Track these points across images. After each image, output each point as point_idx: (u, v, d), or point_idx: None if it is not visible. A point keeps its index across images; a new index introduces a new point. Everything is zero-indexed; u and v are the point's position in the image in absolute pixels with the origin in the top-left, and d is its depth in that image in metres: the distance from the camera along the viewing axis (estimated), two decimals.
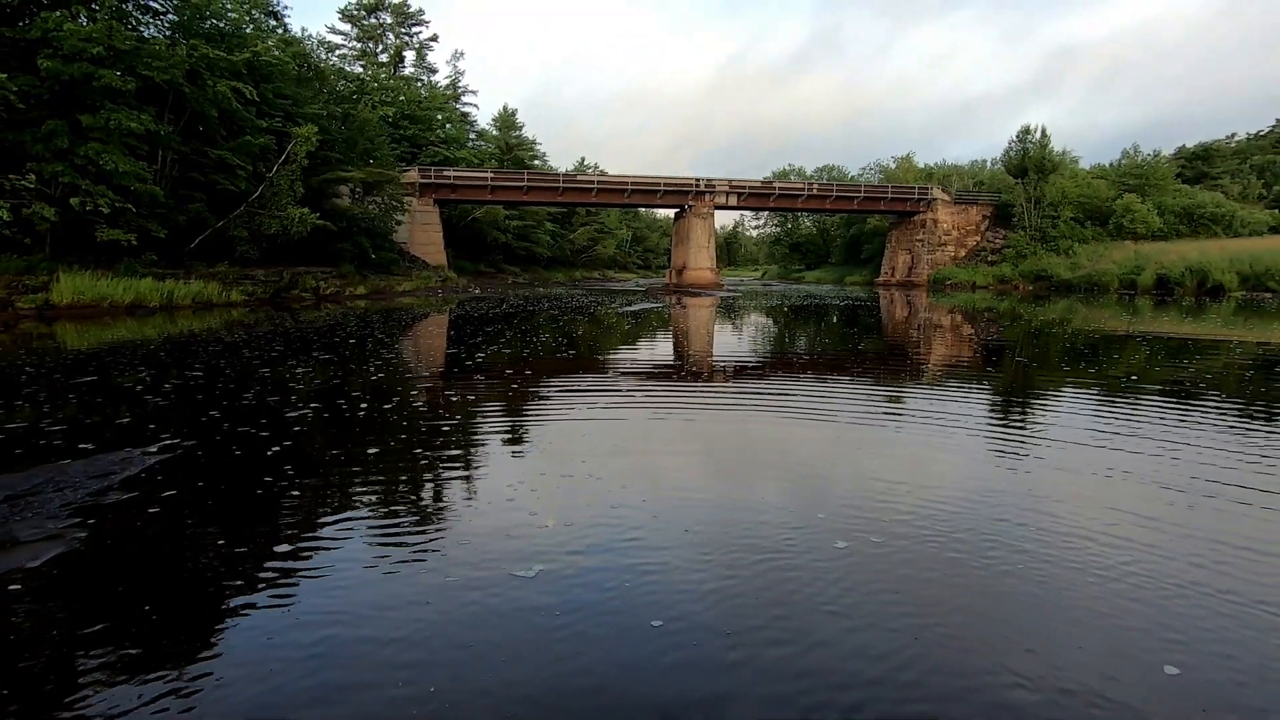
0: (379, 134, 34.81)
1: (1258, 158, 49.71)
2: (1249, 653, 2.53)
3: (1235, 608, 2.85)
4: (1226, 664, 2.46)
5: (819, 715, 2.16)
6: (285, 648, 2.53)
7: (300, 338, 12.59)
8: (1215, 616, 2.78)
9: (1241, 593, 2.98)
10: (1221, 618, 2.77)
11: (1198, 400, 7.31)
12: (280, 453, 5.01)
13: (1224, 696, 2.27)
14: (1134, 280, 33.83)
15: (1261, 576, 3.15)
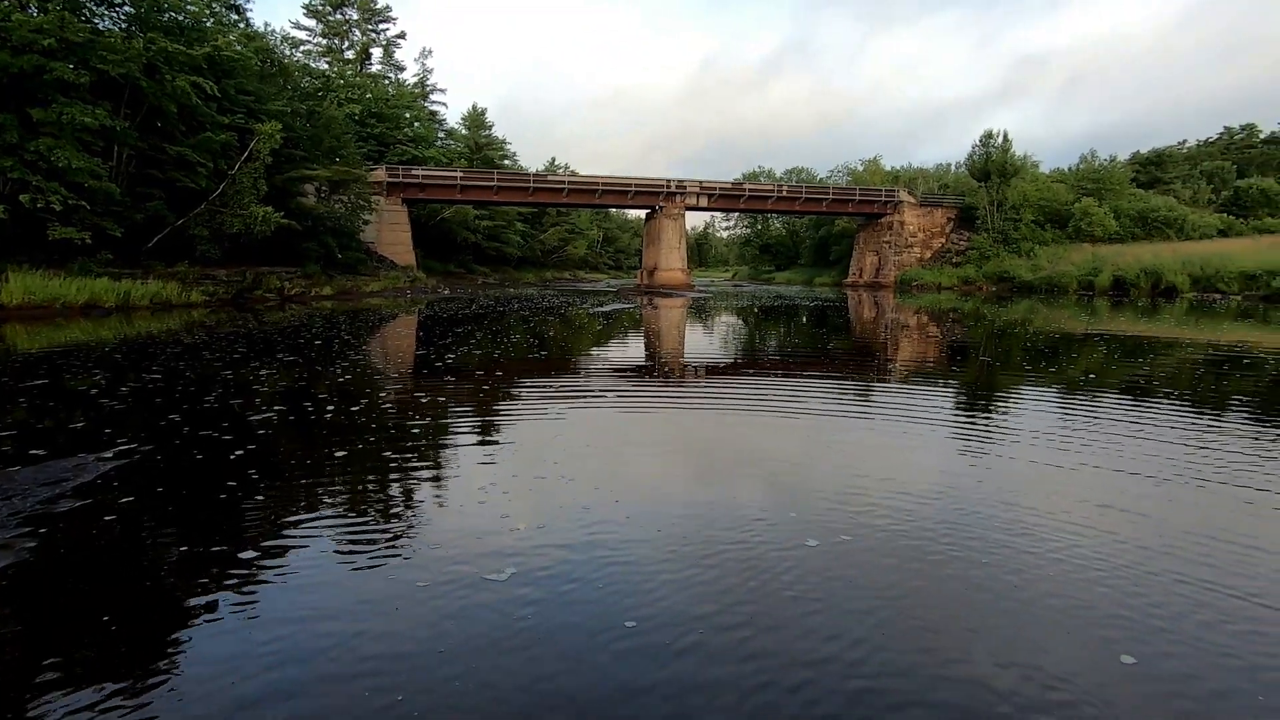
0: (345, 132, 34.24)
1: (1207, 164, 51.55)
2: (1203, 640, 2.61)
3: (1190, 595, 2.95)
4: (1182, 651, 2.54)
5: (794, 713, 2.18)
6: (248, 656, 2.47)
7: (264, 339, 12.31)
8: (1171, 604, 2.87)
9: (1195, 579, 3.09)
10: (1177, 605, 2.86)
11: (1153, 397, 7.55)
12: (244, 457, 4.89)
13: (1179, 684, 2.35)
14: (1092, 282, 34.82)
15: (1215, 563, 3.26)
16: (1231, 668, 2.44)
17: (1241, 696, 2.28)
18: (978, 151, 44.99)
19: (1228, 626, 2.72)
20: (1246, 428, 6.16)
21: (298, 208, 27.53)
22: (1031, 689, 2.31)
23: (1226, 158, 53.60)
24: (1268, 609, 2.86)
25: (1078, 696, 2.27)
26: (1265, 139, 57.80)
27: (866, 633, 2.65)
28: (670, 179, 44.09)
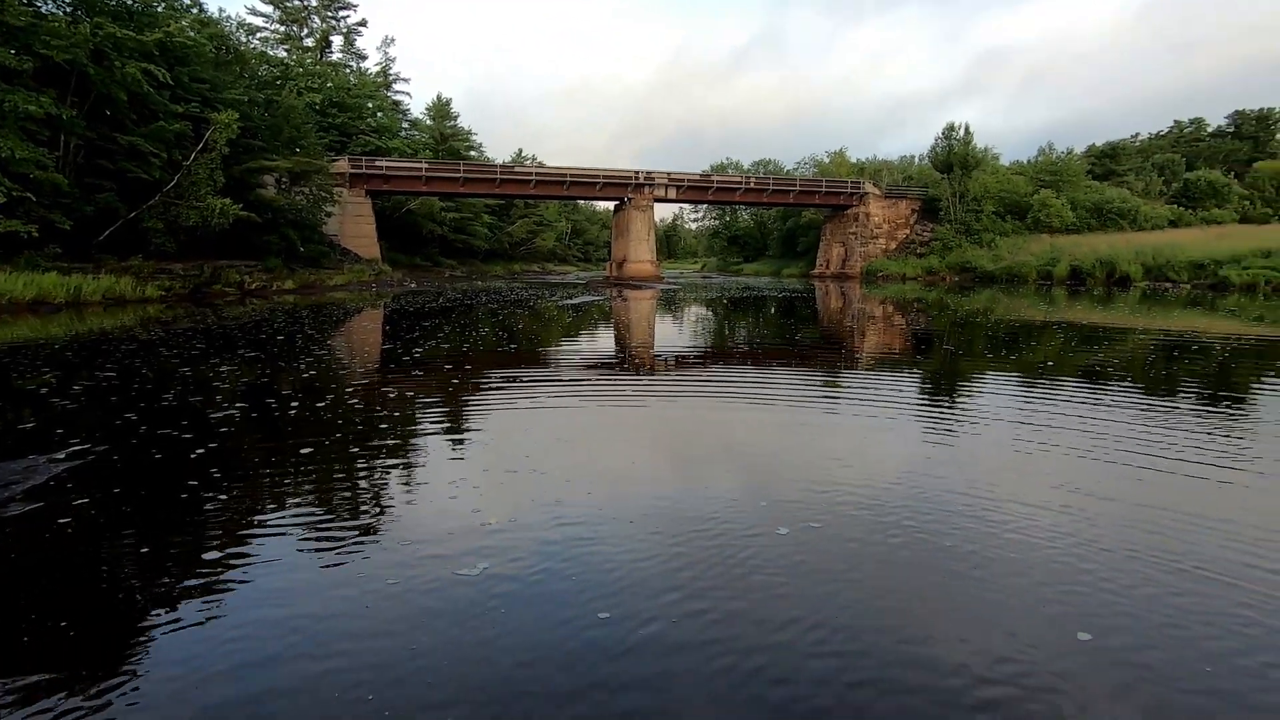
0: (305, 121, 33.38)
1: (1158, 156, 53.15)
2: (1156, 615, 2.72)
3: (1142, 570, 3.06)
4: (1134, 625, 2.64)
5: (766, 699, 2.21)
6: (213, 660, 2.42)
7: (224, 335, 12.00)
8: (1125, 579, 2.98)
9: (1148, 554, 3.21)
10: (1130, 580, 2.97)
11: (1108, 382, 7.80)
12: (205, 455, 4.78)
13: (1132, 658, 2.44)
14: (1050, 271, 35.72)
15: (1166, 537, 3.39)
16: (1181, 639, 2.54)
17: (1189, 665, 2.38)
18: (940, 144, 45.74)
19: (1177, 600, 2.83)
20: (1195, 410, 6.40)
21: (257, 199, 26.79)
22: (989, 665, 2.38)
23: (1176, 150, 55.33)
24: (1215, 579, 2.98)
25: (1034, 671, 2.34)
26: (1212, 133, 59.86)
27: (833, 616, 2.70)
28: (639, 170, 43.97)
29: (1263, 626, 2.65)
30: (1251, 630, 2.62)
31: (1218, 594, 2.90)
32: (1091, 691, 2.25)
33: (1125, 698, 2.23)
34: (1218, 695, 2.24)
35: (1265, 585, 2.97)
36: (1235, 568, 3.13)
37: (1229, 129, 58.70)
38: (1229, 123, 58.90)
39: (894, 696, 2.22)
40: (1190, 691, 2.26)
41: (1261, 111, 57.06)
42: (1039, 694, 2.23)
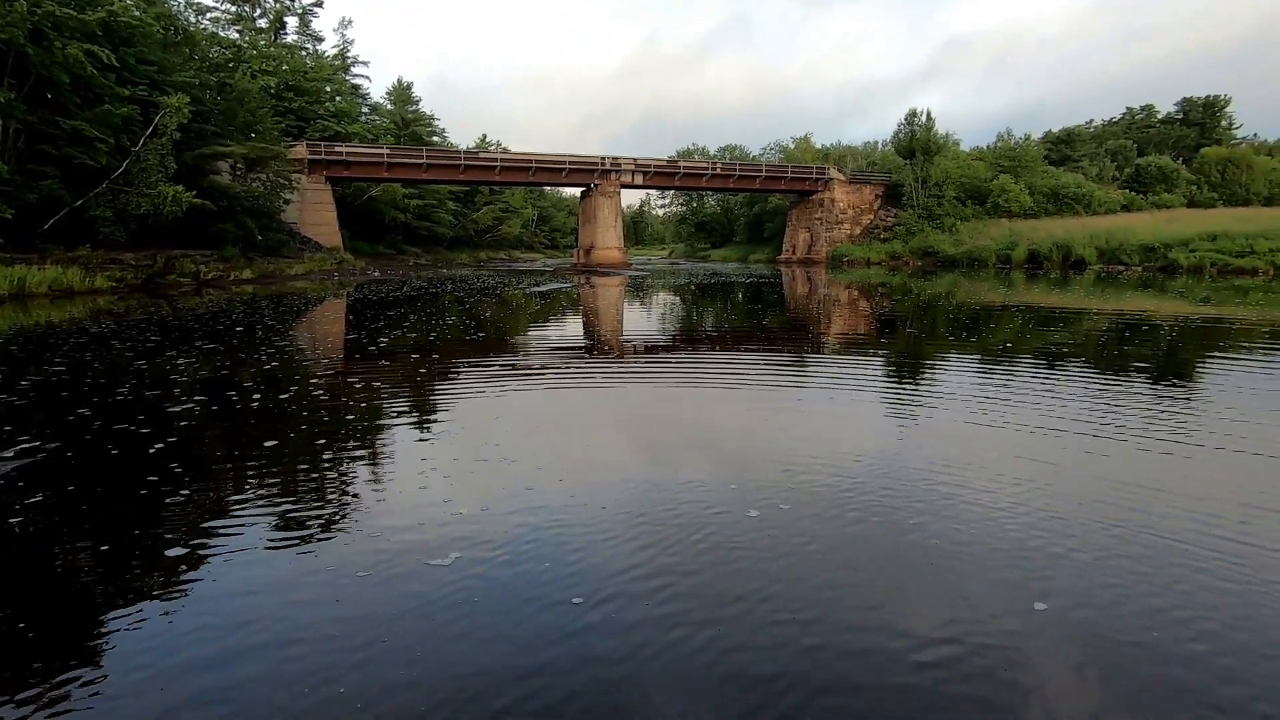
0: (260, 106, 32.37)
1: (1111, 142, 54.59)
2: (1108, 583, 2.83)
3: (1097, 540, 3.18)
4: (1089, 596, 2.75)
5: (735, 679, 2.25)
6: (179, 656, 2.37)
7: (180, 327, 11.66)
8: (1080, 550, 3.09)
9: (1102, 525, 3.33)
10: (1085, 551, 3.09)
11: (1064, 362, 8.04)
12: (165, 450, 4.65)
13: (1085, 625, 2.54)
14: (1009, 255, 36.55)
15: (1119, 508, 3.53)
16: (1133, 609, 2.65)
17: (1139, 633, 2.49)
18: (903, 129, 46.30)
19: (1130, 568, 2.95)
20: (1147, 387, 6.64)
21: (211, 186, 25.95)
22: (947, 636, 2.46)
23: (1129, 136, 56.88)
24: (1166, 546, 3.11)
25: (991, 641, 2.43)
26: (1162, 119, 61.64)
27: (802, 594, 2.75)
28: (605, 156, 43.68)
29: (1214, 590, 2.78)
30: (1201, 594, 2.75)
31: (1169, 560, 3.03)
32: (1046, 658, 2.34)
33: (1077, 663, 2.32)
34: (1167, 657, 2.35)
35: (1213, 549, 3.11)
36: (1185, 534, 3.27)
37: (1178, 115, 60.51)
38: (1178, 109, 60.72)
39: (850, 660, 2.29)
40: (1142, 658, 2.36)
41: (1208, 99, 58.91)
42: (993, 661, 2.31)
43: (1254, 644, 2.43)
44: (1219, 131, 57.37)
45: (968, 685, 2.19)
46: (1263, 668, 2.30)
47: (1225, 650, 2.40)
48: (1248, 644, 2.43)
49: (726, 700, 2.13)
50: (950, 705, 2.11)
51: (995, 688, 2.18)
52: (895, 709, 2.09)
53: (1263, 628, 2.53)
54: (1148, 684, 2.21)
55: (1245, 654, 2.38)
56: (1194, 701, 2.13)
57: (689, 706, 2.11)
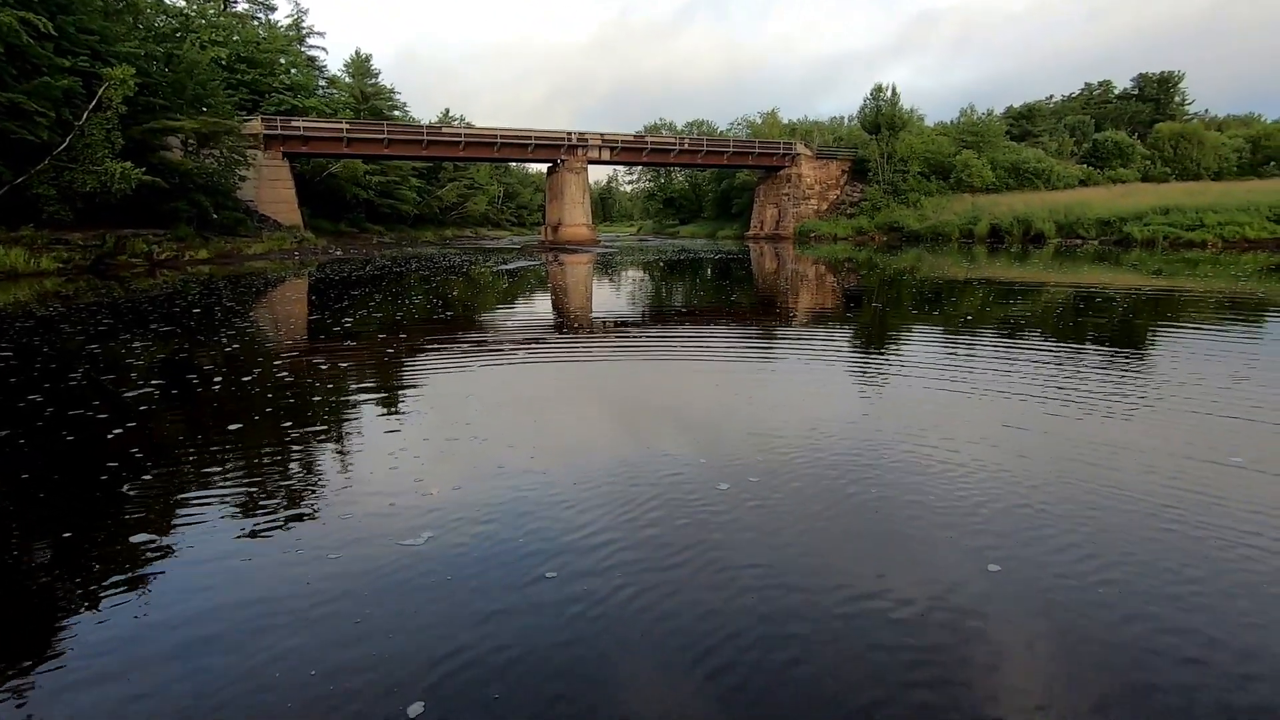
0: (211, 78, 31.09)
1: (1070, 118, 55.53)
2: (1058, 545, 2.95)
3: (1050, 506, 3.31)
4: (1039, 558, 2.87)
5: (703, 645, 2.31)
6: (146, 645, 2.34)
7: (133, 309, 11.28)
8: (1035, 514, 3.22)
9: (1056, 489, 3.46)
10: (1040, 514, 3.21)
11: (1024, 333, 8.26)
12: (124, 435, 4.53)
13: (1035, 585, 2.66)
14: (972, 230, 37.16)
15: (1072, 471, 3.67)
16: (1084, 569, 2.78)
17: (1087, 592, 2.61)
18: (869, 105, 46.44)
19: (1082, 529, 3.08)
20: (1103, 355, 6.87)
21: (162, 163, 24.95)
22: (902, 596, 2.57)
23: (1087, 112, 57.93)
24: (1119, 509, 3.25)
25: (941, 601, 2.53)
26: (1119, 95, 62.82)
27: (769, 564, 2.82)
28: (571, 131, 43.06)
29: (1159, 543, 2.92)
30: (1146, 547, 2.88)
31: (1120, 518, 3.16)
32: (999, 618, 2.44)
33: (1028, 622, 2.43)
34: (1113, 612, 2.47)
35: (1161, 501, 3.25)
36: (1143, 490, 3.42)
37: (1134, 91, 61.71)
38: (1134, 85, 61.90)
39: (808, 623, 2.37)
40: (1093, 616, 2.48)
41: (1162, 75, 60.15)
42: (947, 621, 2.40)
43: (1205, 594, 2.57)
44: (1172, 107, 58.72)
45: (921, 643, 2.28)
46: (1215, 618, 2.43)
47: (1173, 602, 2.53)
48: (1194, 596, 2.57)
49: (695, 664, 2.18)
50: (906, 665, 2.19)
51: (947, 647, 2.27)
52: (852, 666, 2.17)
53: (1216, 576, 2.67)
54: (1098, 642, 2.33)
55: (1191, 604, 2.51)
56: (1141, 652, 2.25)
57: (661, 674, 2.16)
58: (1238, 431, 4.46)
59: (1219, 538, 3.02)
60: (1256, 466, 3.86)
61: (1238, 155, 46.33)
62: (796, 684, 2.10)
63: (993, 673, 2.16)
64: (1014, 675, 2.15)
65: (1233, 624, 2.40)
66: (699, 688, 2.09)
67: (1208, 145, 45.63)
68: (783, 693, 2.06)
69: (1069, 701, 2.02)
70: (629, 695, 2.08)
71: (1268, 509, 3.30)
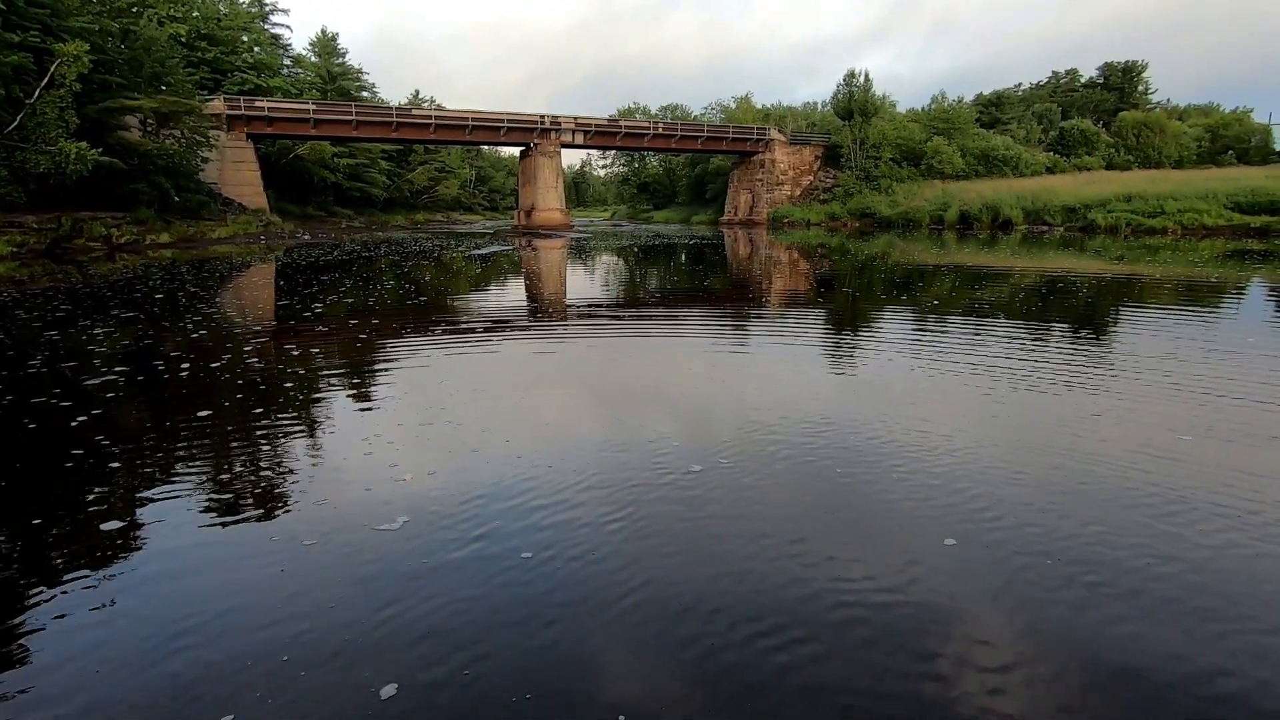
0: (170, 55, 30.08)
1: (1038, 105, 56.32)
2: (1012, 517, 3.06)
3: (1006, 480, 3.42)
4: (993, 530, 2.98)
5: (678, 621, 2.36)
6: (115, 636, 2.32)
7: (92, 295, 10.98)
8: (991, 490, 3.32)
9: (1012, 465, 3.58)
10: (996, 490, 3.32)
11: (992, 318, 8.44)
12: (88, 423, 4.44)
13: (989, 556, 2.76)
14: (942, 216, 37.64)
15: (1029, 448, 3.79)
16: (1031, 537, 2.89)
17: (1034, 557, 2.71)
18: (842, 91, 46.64)
19: (1036, 503, 3.20)
20: (1065, 339, 7.06)
21: (120, 144, 24.15)
22: (858, 568, 2.66)
23: (1054, 100, 58.79)
24: (1073, 483, 3.37)
25: (895, 571, 2.64)
26: (1085, 83, 63.86)
27: (735, 540, 2.88)
28: (544, 115, 42.57)
29: (1106, 524, 3.04)
30: (1089, 518, 3.01)
31: (1074, 491, 3.28)
32: (957, 587, 2.54)
33: (981, 592, 2.53)
34: (1058, 580, 2.58)
35: (1111, 476, 3.39)
36: (1108, 462, 3.55)
37: (1099, 80, 62.79)
38: (1099, 74, 62.96)
39: (767, 594, 2.44)
40: (1052, 586, 2.59)
41: (1127, 64, 61.26)
42: (905, 594, 2.49)
43: (1161, 564, 2.69)
44: (1136, 96, 59.87)
45: (878, 617, 2.37)
46: (1169, 583, 2.55)
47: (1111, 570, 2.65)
48: (1147, 565, 2.69)
49: (671, 642, 2.24)
50: (880, 640, 2.27)
51: (903, 618, 2.36)
52: (828, 642, 2.24)
53: (1166, 542, 2.80)
54: (1057, 609, 2.43)
55: (1137, 567, 2.63)
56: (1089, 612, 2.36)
57: (637, 653, 2.21)
58: (1191, 410, 4.64)
59: (1175, 511, 3.16)
60: (1205, 442, 4.02)
61: (1197, 144, 47.53)
62: (773, 661, 2.17)
63: (958, 646, 2.25)
64: (978, 649, 2.24)
65: (1184, 588, 2.52)
66: (676, 667, 2.15)
67: (1169, 134, 46.70)
68: (761, 668, 2.13)
69: (1036, 671, 2.12)
70: (603, 674, 2.12)
71: (1214, 484, 3.45)
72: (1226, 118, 51.13)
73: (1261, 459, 3.81)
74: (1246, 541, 2.89)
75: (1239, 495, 3.32)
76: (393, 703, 1.97)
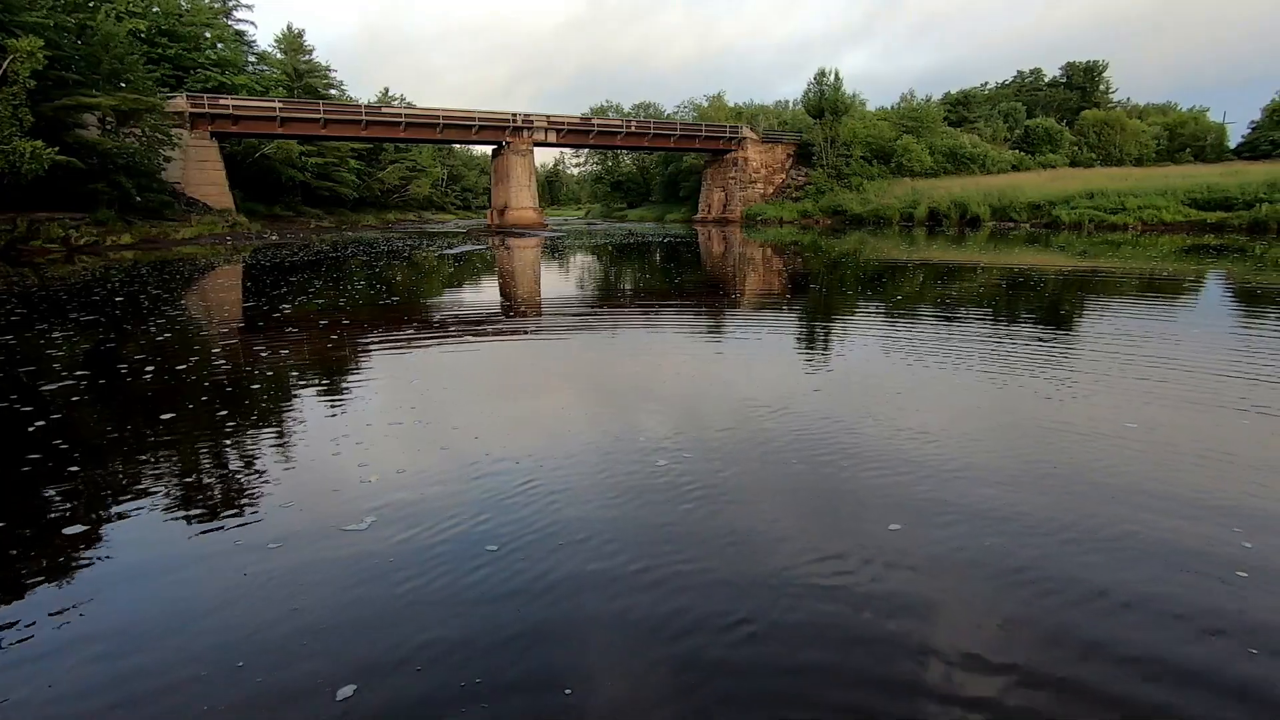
0: (129, 52, 29.31)
1: (1003, 104, 57.45)
2: (954, 507, 3.14)
3: (953, 468, 3.51)
4: (937, 518, 3.06)
5: (646, 614, 2.39)
6: (73, 641, 2.28)
7: (49, 298, 10.69)
8: (933, 478, 3.41)
9: (960, 455, 3.67)
10: (941, 477, 3.40)
11: (962, 311, 8.61)
12: (47, 428, 4.34)
13: (930, 540, 2.84)
14: (912, 213, 38.22)
15: (978, 437, 3.88)
16: (974, 520, 2.97)
17: (970, 538, 2.79)
18: (812, 89, 47.06)
19: (980, 490, 3.28)
20: (1033, 330, 7.22)
21: (78, 142, 23.51)
22: (808, 553, 2.75)
23: (1019, 99, 59.99)
24: (1018, 469, 3.47)
25: (840, 554, 2.72)
26: (1049, 83, 65.26)
27: (699, 531, 2.92)
28: (516, 113, 42.30)
29: (1049, 513, 3.13)
30: (1027, 503, 3.10)
31: (1012, 484, 3.38)
32: (889, 567, 2.61)
33: (926, 574, 2.60)
34: (989, 557, 2.66)
35: (1095, 463, 3.49)
36: (1069, 449, 3.65)
37: (1062, 79, 64.20)
38: (1062, 74, 64.38)
39: (721, 567, 2.49)
40: (993, 564, 2.66)
41: (1089, 64, 62.70)
42: (842, 574, 2.55)
43: (1095, 543, 2.78)
44: (1097, 95, 61.32)
45: (831, 604, 2.42)
46: (1110, 564, 2.64)
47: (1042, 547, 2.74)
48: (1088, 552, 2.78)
49: (637, 635, 2.26)
50: (846, 627, 2.32)
51: (878, 607, 2.41)
52: (800, 630, 2.29)
53: (1107, 525, 2.89)
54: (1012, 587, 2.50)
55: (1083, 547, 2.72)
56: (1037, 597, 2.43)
57: (603, 648, 2.23)
58: (1139, 400, 4.79)
59: (1120, 497, 3.27)
60: (1147, 432, 4.16)
61: (1156, 142, 48.84)
62: (745, 648, 2.20)
63: (921, 628, 2.30)
64: (941, 632, 2.30)
65: (1123, 563, 2.61)
66: (643, 661, 2.17)
67: (1129, 132, 47.93)
68: (736, 657, 2.16)
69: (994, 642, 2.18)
70: (567, 668, 2.14)
71: (1154, 474, 3.58)
72: (1183, 116, 52.60)
73: (1204, 441, 3.95)
74: (1189, 529, 3.01)
75: (1186, 483, 3.45)
76: (349, 703, 1.97)
